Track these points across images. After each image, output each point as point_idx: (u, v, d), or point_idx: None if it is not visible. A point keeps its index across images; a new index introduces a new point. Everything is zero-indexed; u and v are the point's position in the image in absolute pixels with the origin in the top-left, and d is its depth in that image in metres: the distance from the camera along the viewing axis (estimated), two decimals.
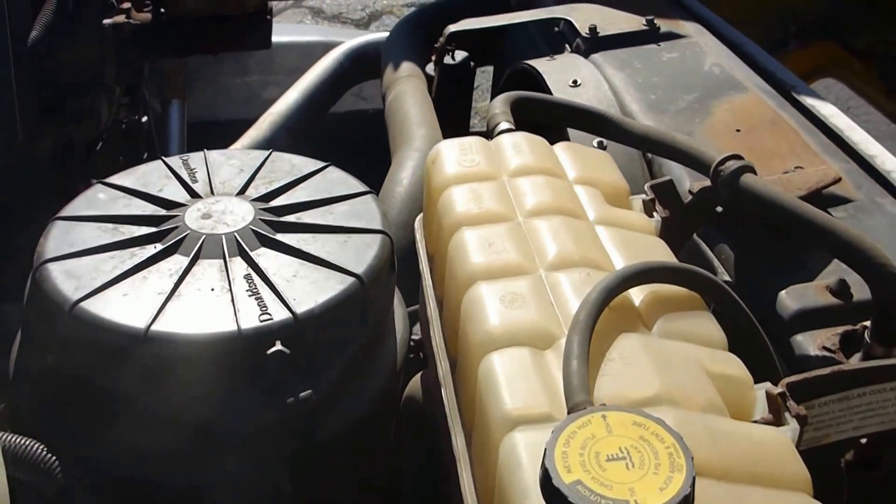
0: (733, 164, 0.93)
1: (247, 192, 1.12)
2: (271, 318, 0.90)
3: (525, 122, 1.13)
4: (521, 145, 1.05)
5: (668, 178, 1.00)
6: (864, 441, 0.76)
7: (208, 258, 1.00)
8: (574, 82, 1.34)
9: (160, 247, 1.02)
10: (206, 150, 1.24)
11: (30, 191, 1.61)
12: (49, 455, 0.90)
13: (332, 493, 0.98)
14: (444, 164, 1.05)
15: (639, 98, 1.30)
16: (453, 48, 1.73)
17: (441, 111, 1.66)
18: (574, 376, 0.69)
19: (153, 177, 1.17)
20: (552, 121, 1.16)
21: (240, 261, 0.99)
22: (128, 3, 1.98)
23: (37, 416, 0.99)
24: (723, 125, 1.19)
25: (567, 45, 1.53)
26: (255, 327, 0.90)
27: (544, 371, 0.75)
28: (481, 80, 1.95)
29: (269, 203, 1.09)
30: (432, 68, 1.79)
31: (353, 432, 0.94)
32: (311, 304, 0.91)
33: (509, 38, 1.78)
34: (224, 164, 1.19)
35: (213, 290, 0.95)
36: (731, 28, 1.48)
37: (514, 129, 1.09)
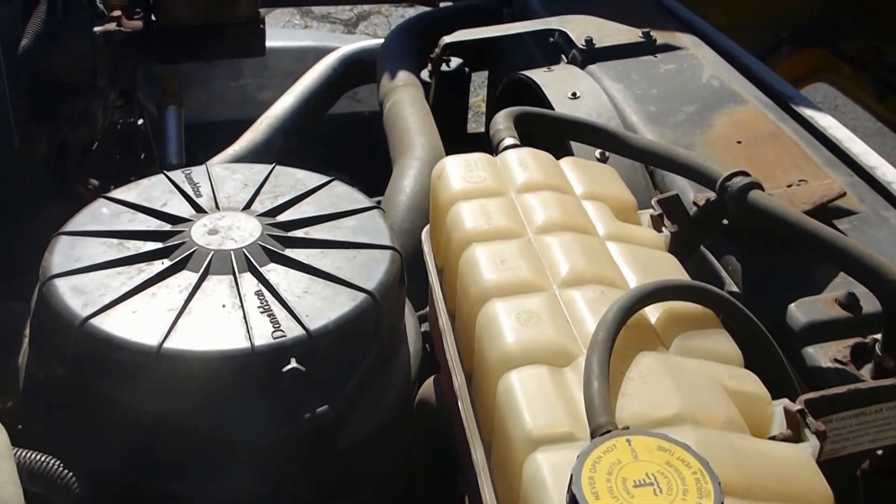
0: (741, 181, 0.95)
1: (252, 207, 1.12)
2: (285, 335, 0.91)
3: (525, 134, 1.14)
4: (526, 161, 1.06)
5: (674, 193, 1.01)
6: (880, 452, 0.77)
7: (217, 274, 1.00)
8: (573, 94, 1.35)
9: (168, 263, 1.02)
10: (208, 164, 1.24)
11: (27, 191, 1.62)
12: (64, 469, 0.90)
13: (350, 499, 0.98)
14: (450, 179, 1.05)
15: (638, 110, 1.31)
16: (448, 57, 1.74)
17: (439, 116, 1.67)
18: (595, 397, 0.70)
19: (156, 191, 1.17)
20: (556, 135, 1.17)
21: (250, 277, 0.99)
22: (118, 12, 1.98)
23: (51, 428, 0.98)
24: (723, 137, 1.21)
25: (563, 56, 1.54)
26: (269, 344, 0.90)
27: (564, 389, 0.76)
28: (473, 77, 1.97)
29: (276, 218, 1.09)
30: (427, 75, 1.80)
31: (370, 441, 0.95)
32: (325, 321, 0.92)
33: (504, 44, 1.79)
34: (228, 179, 1.19)
35: (224, 306, 0.95)
36: (727, 39, 1.49)
37: (519, 144, 1.10)
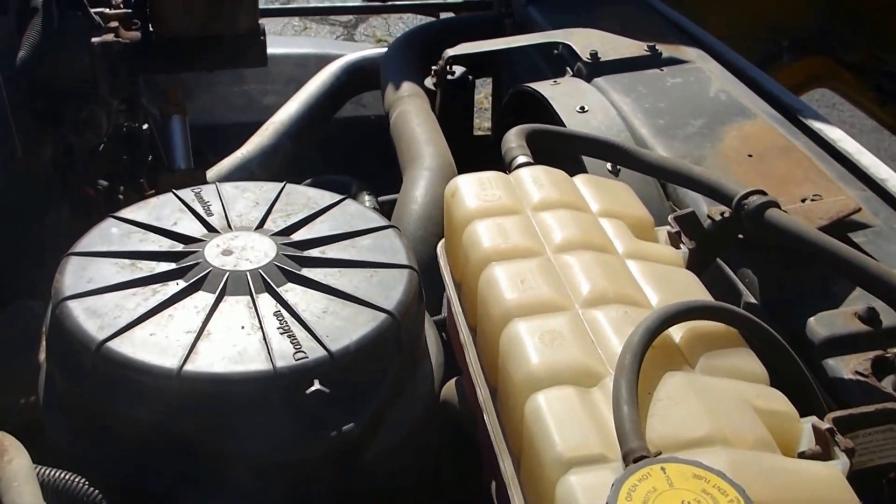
0: (757, 199, 0.95)
1: (266, 226, 1.11)
2: (306, 357, 0.90)
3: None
4: (541, 179, 1.06)
5: (690, 210, 1.01)
6: None
7: (234, 295, 0.99)
8: (581, 108, 1.35)
9: (183, 283, 1.01)
10: (217, 182, 1.23)
11: (35, 195, 1.63)
12: (88, 487, 0.89)
13: None
14: (464, 197, 1.05)
15: (647, 123, 1.32)
16: (452, 69, 1.75)
17: (445, 123, 1.68)
18: (626, 422, 0.70)
19: (166, 210, 1.16)
20: (569, 152, 1.17)
21: (267, 297, 0.98)
22: (115, 22, 1.97)
23: (73, 445, 0.98)
24: (734, 151, 1.21)
25: (568, 69, 1.55)
26: (291, 366, 0.89)
27: (592, 410, 0.76)
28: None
29: (290, 237, 1.08)
30: (431, 83, 1.81)
31: (396, 455, 0.95)
32: (346, 342, 0.91)
33: (508, 53, 1.79)
34: (238, 197, 1.18)
35: (242, 327, 0.95)
36: (732, 52, 1.50)
37: (533, 162, 1.10)
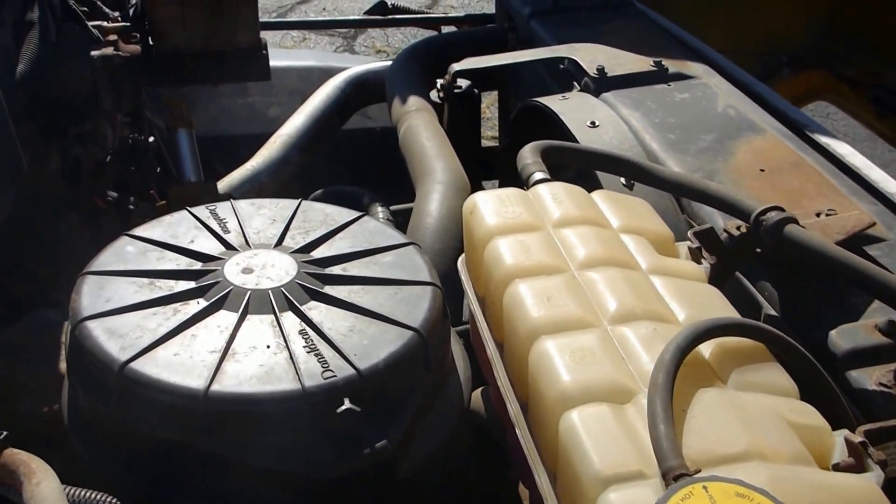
0: (776, 216, 0.97)
1: (284, 244, 1.11)
2: (335, 375, 0.90)
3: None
4: (560, 195, 1.07)
5: (709, 226, 1.02)
6: None
7: (257, 314, 0.99)
8: (592, 123, 1.36)
9: (204, 303, 1.01)
10: (232, 199, 1.23)
11: (43, 207, 1.63)
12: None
13: None
14: (483, 215, 1.06)
15: (658, 138, 1.33)
16: (458, 83, 1.76)
17: (454, 136, 1.69)
18: (663, 439, 0.71)
19: (181, 228, 1.16)
20: (584, 167, 1.18)
21: (291, 316, 0.98)
22: (114, 36, 1.97)
23: (98, 463, 0.97)
24: (746, 166, 1.23)
25: (575, 83, 1.56)
26: (320, 385, 0.89)
27: (627, 427, 0.76)
28: None
29: (311, 255, 1.08)
30: (435, 96, 1.83)
31: (428, 470, 0.95)
32: (375, 360, 0.91)
33: (513, 68, 1.80)
34: (255, 215, 1.18)
35: (268, 346, 0.95)
36: (737, 68, 1.52)
37: (550, 178, 1.11)
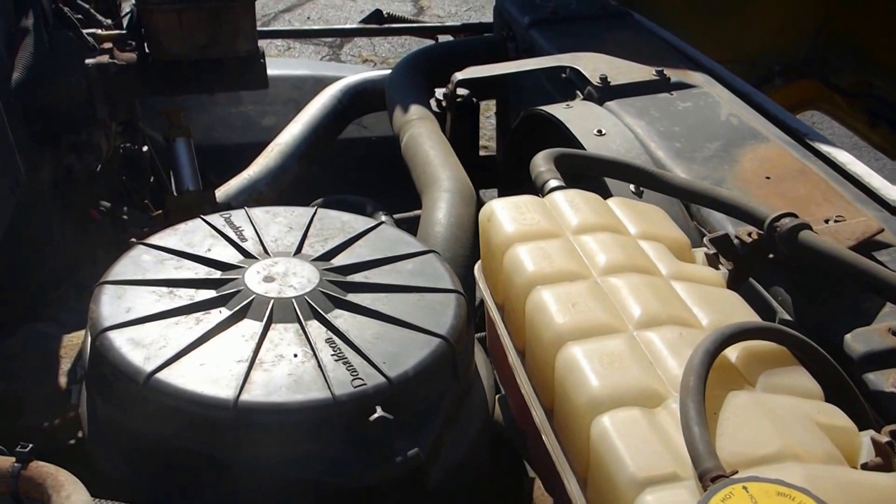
0: (790, 222, 0.99)
1: (303, 252, 1.12)
2: (365, 384, 0.91)
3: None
4: (577, 202, 1.08)
5: (724, 233, 1.05)
6: None
7: (281, 322, 0.99)
8: (599, 131, 1.39)
9: (227, 312, 1.01)
10: (246, 207, 1.23)
11: (38, 216, 1.62)
12: None
13: None
14: (501, 222, 1.07)
15: (664, 146, 1.35)
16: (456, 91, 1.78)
17: (454, 145, 1.71)
18: (699, 442, 0.72)
19: (197, 236, 1.16)
20: (598, 175, 1.20)
21: (316, 324, 0.99)
22: (109, 44, 1.96)
23: (120, 474, 0.97)
24: (752, 173, 1.25)
25: (578, 92, 1.58)
26: (350, 393, 0.90)
27: (659, 430, 0.78)
28: None
29: (331, 263, 1.09)
30: (436, 105, 1.84)
31: (456, 477, 0.96)
32: (405, 368, 0.92)
33: (513, 75, 1.82)
34: (271, 223, 1.18)
35: (296, 355, 0.95)
36: (737, 78, 1.55)
37: (565, 185, 1.12)
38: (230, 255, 1.11)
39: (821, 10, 2.12)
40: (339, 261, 1.10)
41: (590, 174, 1.21)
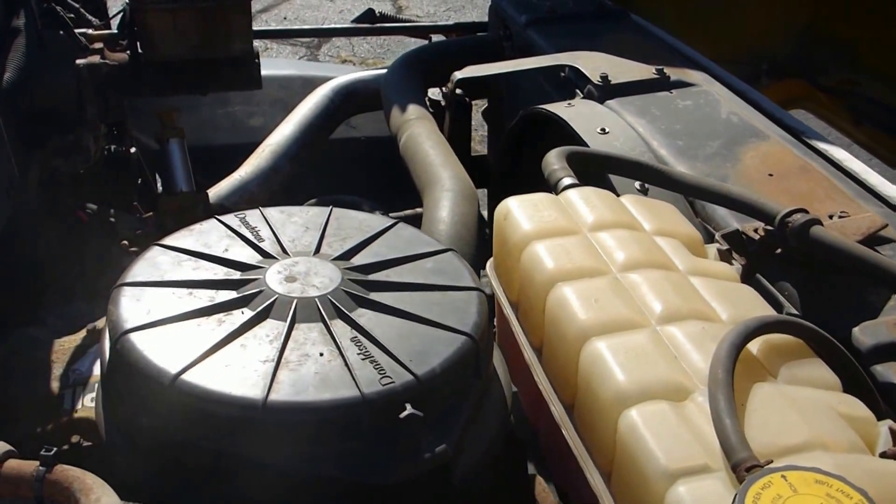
0: (801, 218, 1.02)
1: (322, 251, 1.13)
2: (393, 382, 0.92)
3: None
4: (591, 199, 1.11)
5: (735, 228, 1.07)
6: None
7: (305, 322, 1.00)
8: (602, 130, 1.41)
9: (249, 312, 1.01)
10: (261, 207, 1.24)
11: (26, 218, 1.62)
12: None
13: None
14: (518, 220, 1.09)
15: (666, 144, 1.38)
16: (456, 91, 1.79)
17: (453, 144, 1.72)
18: (731, 433, 0.75)
19: (212, 237, 1.16)
20: (609, 172, 1.23)
21: (341, 323, 1.00)
22: (100, 44, 1.94)
23: (142, 477, 0.97)
24: (755, 171, 1.28)
25: (577, 91, 1.60)
26: (379, 391, 0.91)
27: (688, 423, 0.80)
28: None
29: (351, 262, 1.10)
30: (429, 104, 1.86)
31: (480, 475, 0.97)
32: (432, 365, 0.93)
33: (509, 75, 1.84)
34: (286, 223, 1.19)
35: (321, 354, 0.96)
36: (734, 77, 1.58)
37: (579, 183, 1.15)
38: (248, 256, 1.12)
39: (807, 10, 2.16)
40: (358, 260, 1.11)
41: (601, 172, 1.23)
